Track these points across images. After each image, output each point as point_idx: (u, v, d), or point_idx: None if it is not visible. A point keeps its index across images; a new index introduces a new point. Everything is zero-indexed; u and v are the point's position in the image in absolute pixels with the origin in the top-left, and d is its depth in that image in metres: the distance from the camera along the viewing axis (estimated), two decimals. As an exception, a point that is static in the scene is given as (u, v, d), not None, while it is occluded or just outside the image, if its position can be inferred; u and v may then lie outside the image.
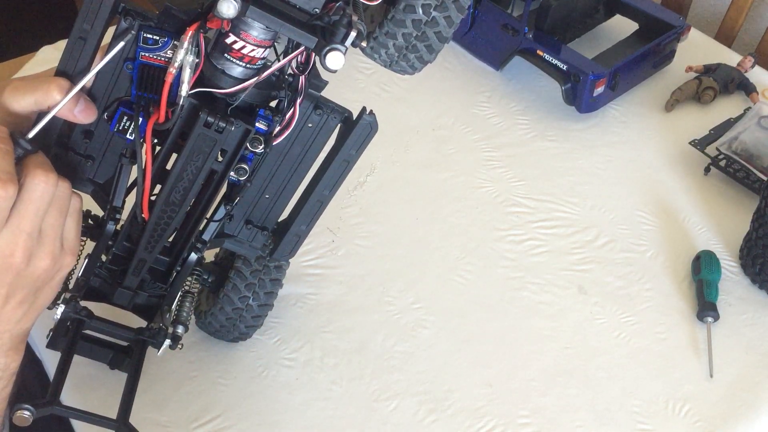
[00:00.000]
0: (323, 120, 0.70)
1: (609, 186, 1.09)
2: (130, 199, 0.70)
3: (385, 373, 0.88)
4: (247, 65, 0.62)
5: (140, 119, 0.64)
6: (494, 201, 1.06)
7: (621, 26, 1.27)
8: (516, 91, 1.22)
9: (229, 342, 0.88)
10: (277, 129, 0.66)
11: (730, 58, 1.26)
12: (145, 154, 0.64)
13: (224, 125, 0.62)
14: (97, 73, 0.64)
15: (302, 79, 0.65)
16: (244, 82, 0.62)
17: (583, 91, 1.14)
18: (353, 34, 0.57)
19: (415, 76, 1.26)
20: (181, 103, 0.62)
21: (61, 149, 0.69)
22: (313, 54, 0.63)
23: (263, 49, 0.61)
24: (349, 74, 1.20)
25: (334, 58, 0.57)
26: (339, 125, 0.71)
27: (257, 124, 0.65)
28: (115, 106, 0.66)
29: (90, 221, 0.77)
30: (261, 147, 0.65)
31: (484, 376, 0.88)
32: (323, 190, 0.73)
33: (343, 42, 0.57)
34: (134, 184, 0.68)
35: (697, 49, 1.28)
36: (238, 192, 0.71)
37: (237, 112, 0.64)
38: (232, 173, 0.67)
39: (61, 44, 1.29)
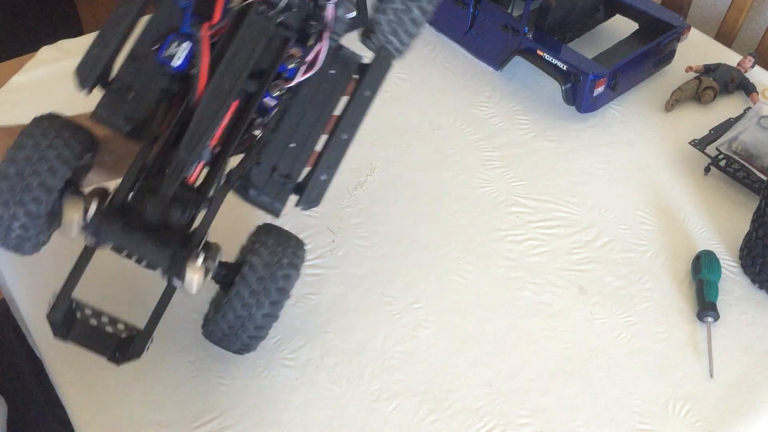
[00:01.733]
0: (343, 67, 0.76)
1: (609, 186, 1.09)
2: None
3: (385, 373, 0.88)
4: None
5: (189, 45, 0.72)
6: (494, 201, 1.06)
7: (621, 26, 1.27)
8: (516, 91, 1.22)
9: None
10: (309, 60, 0.73)
11: (730, 58, 1.26)
12: (203, 46, 0.71)
13: (273, 15, 0.70)
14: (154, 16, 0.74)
15: (331, 7, 0.72)
16: None
17: (583, 91, 1.14)
18: None
19: (415, 76, 1.26)
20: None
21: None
22: None
23: None
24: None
25: None
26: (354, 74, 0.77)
27: (288, 65, 0.73)
28: (166, 35, 0.72)
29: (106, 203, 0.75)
30: (293, 69, 0.73)
31: (484, 376, 0.88)
32: (348, 128, 0.78)
33: None
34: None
35: (697, 49, 1.28)
36: (270, 119, 0.76)
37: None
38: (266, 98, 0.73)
39: (61, 44, 1.29)
